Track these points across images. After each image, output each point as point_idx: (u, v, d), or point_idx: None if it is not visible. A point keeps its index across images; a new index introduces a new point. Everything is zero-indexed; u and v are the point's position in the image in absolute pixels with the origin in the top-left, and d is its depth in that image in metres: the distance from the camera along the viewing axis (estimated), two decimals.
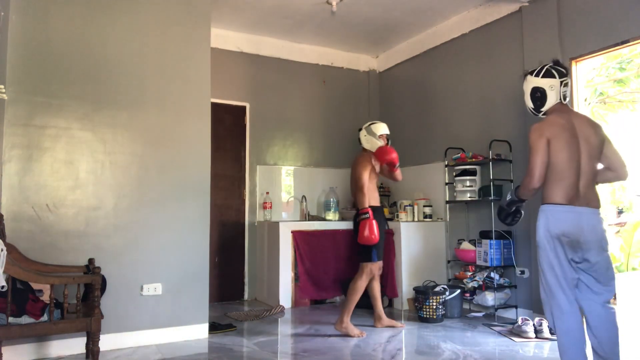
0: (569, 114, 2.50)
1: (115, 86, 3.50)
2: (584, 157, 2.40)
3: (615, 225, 6.15)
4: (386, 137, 3.97)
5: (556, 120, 2.44)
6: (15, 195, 3.15)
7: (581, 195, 2.39)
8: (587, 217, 2.37)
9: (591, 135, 2.43)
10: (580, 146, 2.41)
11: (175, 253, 3.61)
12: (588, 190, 2.40)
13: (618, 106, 7.22)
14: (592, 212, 2.39)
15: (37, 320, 2.57)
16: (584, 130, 2.43)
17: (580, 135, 2.42)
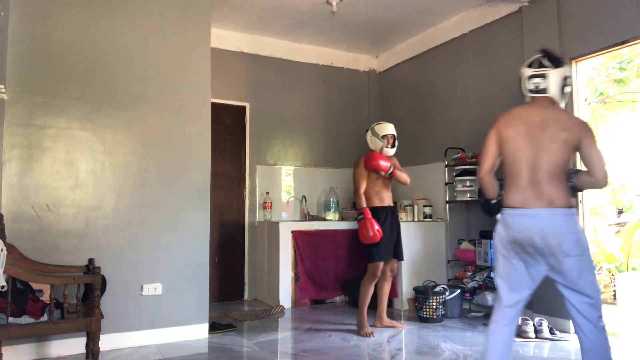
0: (544, 107, 2.28)
1: (115, 86, 3.50)
2: (545, 152, 2.18)
3: (615, 225, 6.15)
4: (392, 137, 3.89)
5: (517, 112, 2.29)
6: (15, 195, 3.15)
7: (542, 194, 2.18)
8: (545, 219, 2.15)
9: (563, 130, 2.18)
10: (541, 140, 2.20)
11: (175, 253, 3.61)
12: (550, 188, 2.17)
13: (618, 106, 7.22)
14: (553, 213, 2.15)
15: (37, 320, 2.57)
16: (553, 124, 2.21)
17: (545, 129, 2.21)
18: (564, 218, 2.16)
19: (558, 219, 2.15)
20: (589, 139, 2.19)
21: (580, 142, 2.19)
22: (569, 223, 2.15)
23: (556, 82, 2.27)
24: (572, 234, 2.14)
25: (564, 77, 2.29)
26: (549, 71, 2.27)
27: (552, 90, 2.27)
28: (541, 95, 2.29)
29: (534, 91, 2.30)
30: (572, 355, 3.21)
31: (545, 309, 3.87)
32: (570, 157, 2.21)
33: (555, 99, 2.31)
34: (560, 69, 2.28)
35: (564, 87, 2.30)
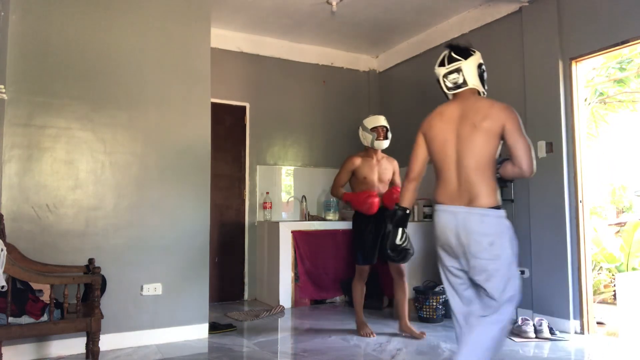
0: (466, 100, 2.20)
1: (115, 86, 3.50)
2: (467, 145, 2.09)
3: (615, 225, 6.15)
4: (383, 129, 3.71)
5: (439, 110, 2.25)
6: (15, 195, 3.15)
7: (463, 191, 2.09)
8: (461, 218, 2.05)
9: (484, 119, 2.07)
10: (462, 133, 2.11)
11: (175, 253, 3.61)
12: (472, 185, 2.07)
13: (618, 106, 7.21)
14: (470, 211, 2.04)
15: (37, 320, 2.57)
16: (474, 115, 2.10)
17: (465, 121, 2.11)
18: (479, 218, 2.03)
19: (472, 218, 2.04)
20: (512, 125, 2.05)
21: (503, 130, 2.06)
22: (483, 223, 2.02)
23: (472, 72, 2.21)
24: (485, 236, 2.01)
25: (478, 64, 2.24)
26: (461, 64, 2.22)
27: (471, 81, 2.21)
28: (462, 90, 2.24)
29: (453, 88, 2.25)
30: (572, 356, 3.21)
31: (545, 309, 3.87)
32: (497, 147, 2.10)
33: (478, 89, 2.25)
34: (471, 58, 2.23)
35: (481, 74, 2.25)
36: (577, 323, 3.69)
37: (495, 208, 2.06)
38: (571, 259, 3.73)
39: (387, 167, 3.79)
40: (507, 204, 4.25)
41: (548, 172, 3.89)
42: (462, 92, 2.24)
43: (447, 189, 2.15)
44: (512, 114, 2.08)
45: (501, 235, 2.04)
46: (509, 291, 2.04)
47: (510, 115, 2.07)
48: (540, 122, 3.99)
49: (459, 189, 2.11)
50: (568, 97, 3.83)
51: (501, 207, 2.10)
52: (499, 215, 2.06)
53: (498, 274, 2.02)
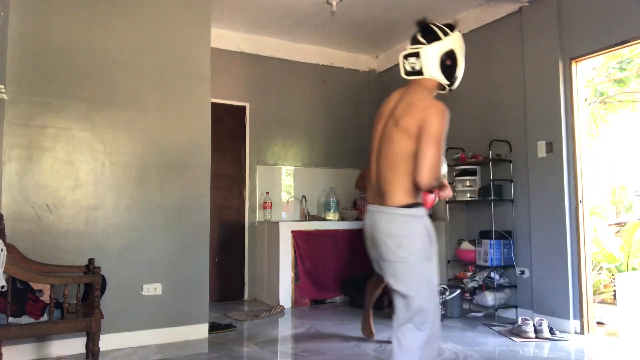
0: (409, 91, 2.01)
1: (116, 86, 3.50)
2: (386, 141, 1.94)
3: (615, 225, 6.15)
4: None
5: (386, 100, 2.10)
6: (15, 195, 3.15)
7: (379, 189, 1.96)
8: (373, 217, 1.95)
9: (406, 116, 1.91)
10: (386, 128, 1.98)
11: (175, 253, 3.61)
12: (387, 183, 1.93)
13: (618, 106, 7.21)
14: (381, 210, 1.92)
15: (37, 320, 2.57)
16: (401, 110, 1.95)
17: (392, 116, 1.97)
18: (388, 217, 1.90)
19: (382, 217, 1.92)
20: (426, 131, 1.84)
21: (419, 133, 1.87)
22: (390, 223, 1.89)
23: (432, 60, 1.94)
24: (392, 237, 1.88)
25: (444, 53, 1.96)
26: (422, 49, 1.96)
27: (428, 69, 1.96)
28: (417, 78, 2.01)
29: (410, 73, 2.01)
30: (572, 356, 3.21)
31: (545, 309, 3.87)
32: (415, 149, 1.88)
33: (437, 79, 2.00)
34: (436, 43, 1.95)
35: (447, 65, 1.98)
36: (577, 323, 3.69)
37: (407, 207, 1.89)
38: (571, 259, 3.73)
39: None
40: (507, 204, 4.26)
41: (548, 172, 3.90)
42: (415, 80, 2.01)
43: (371, 186, 2.03)
44: (434, 119, 1.85)
45: (411, 237, 1.88)
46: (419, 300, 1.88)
47: (430, 118, 1.85)
48: (540, 122, 3.99)
49: (376, 186, 1.99)
50: (568, 97, 3.83)
51: (416, 206, 1.91)
52: (409, 214, 1.89)
53: (406, 277, 1.88)
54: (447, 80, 2.02)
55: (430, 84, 2.02)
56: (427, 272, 1.90)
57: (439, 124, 1.85)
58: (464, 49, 2.04)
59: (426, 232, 1.90)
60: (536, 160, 4.00)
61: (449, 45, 1.96)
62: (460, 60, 2.02)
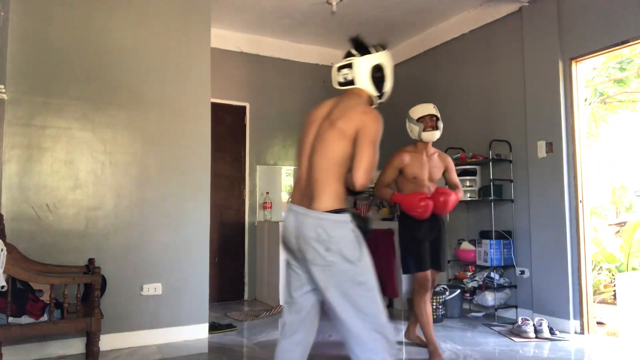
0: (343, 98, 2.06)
1: (115, 86, 3.50)
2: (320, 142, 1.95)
3: (615, 225, 6.15)
4: (432, 118, 3.26)
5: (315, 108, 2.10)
6: (15, 195, 3.15)
7: (307, 190, 1.95)
8: (300, 219, 1.92)
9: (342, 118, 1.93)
10: (320, 129, 1.98)
11: (175, 253, 3.61)
12: (316, 184, 1.92)
13: (618, 106, 7.22)
14: (307, 213, 1.90)
15: (37, 320, 2.57)
16: (336, 113, 1.96)
17: (327, 118, 1.98)
18: (316, 221, 1.88)
19: (309, 221, 1.89)
20: (366, 132, 1.89)
21: (356, 134, 1.89)
22: (319, 229, 1.87)
23: (363, 71, 2.05)
24: (320, 242, 1.86)
25: (373, 65, 2.06)
26: (354, 60, 2.06)
27: (359, 80, 2.05)
28: (349, 88, 2.08)
29: (342, 84, 2.09)
30: (572, 356, 3.21)
31: (545, 309, 3.87)
32: (349, 151, 1.90)
33: (367, 90, 2.09)
34: (368, 56, 2.06)
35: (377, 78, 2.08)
36: (577, 323, 3.69)
37: (335, 212, 1.89)
38: (571, 259, 3.73)
39: (438, 165, 3.30)
40: (507, 204, 4.26)
41: (548, 172, 3.90)
42: (349, 89, 2.08)
43: (298, 187, 2.02)
44: (372, 123, 1.91)
45: (338, 241, 1.87)
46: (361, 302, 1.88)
47: (367, 122, 1.91)
48: (540, 122, 3.99)
49: (306, 188, 1.97)
50: (568, 97, 3.83)
51: (344, 212, 1.92)
52: (337, 220, 1.89)
53: (335, 282, 1.87)
54: (376, 92, 2.11)
55: (362, 94, 2.10)
56: (358, 273, 1.89)
57: (377, 129, 1.92)
58: (392, 66, 2.17)
59: (354, 236, 1.91)
60: (536, 160, 4.00)
61: (378, 59, 2.08)
62: (389, 76, 2.13)
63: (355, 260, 1.88)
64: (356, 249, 1.90)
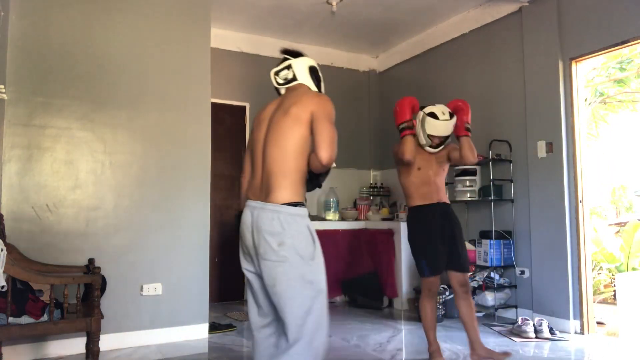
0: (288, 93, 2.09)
1: (115, 86, 3.50)
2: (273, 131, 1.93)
3: (615, 225, 6.15)
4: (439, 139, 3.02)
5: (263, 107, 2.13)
6: (15, 195, 3.15)
7: (263, 184, 1.92)
8: (255, 213, 1.88)
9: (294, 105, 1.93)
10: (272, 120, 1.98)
11: (175, 253, 3.61)
12: (269, 177, 1.89)
13: (618, 106, 7.22)
14: (264, 206, 1.86)
15: (37, 320, 2.57)
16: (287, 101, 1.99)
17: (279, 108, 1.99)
18: (270, 214, 1.84)
19: (264, 214, 1.85)
20: (320, 112, 1.88)
21: (312, 117, 1.89)
22: (273, 221, 1.83)
23: (302, 69, 2.11)
24: (274, 235, 1.82)
25: (310, 67, 2.14)
26: (291, 61, 2.13)
27: (300, 76, 2.10)
28: (292, 84, 2.10)
29: (284, 83, 2.12)
30: (572, 355, 3.21)
31: (545, 309, 3.87)
32: (306, 137, 1.89)
33: (309, 86, 2.11)
34: (302, 58, 2.16)
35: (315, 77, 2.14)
36: (577, 323, 3.69)
37: (292, 205, 1.85)
38: (571, 259, 3.73)
39: (442, 154, 3.10)
40: (507, 204, 4.26)
41: (548, 172, 3.90)
42: (291, 87, 2.10)
43: (253, 182, 1.98)
44: (323, 102, 1.93)
45: (293, 235, 1.82)
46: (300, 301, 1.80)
47: (321, 102, 1.92)
48: (540, 122, 3.99)
49: (261, 181, 1.94)
50: (568, 97, 3.83)
51: (301, 205, 1.89)
52: (294, 213, 1.84)
53: (285, 278, 1.81)
54: (316, 89, 2.13)
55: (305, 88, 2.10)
56: (309, 271, 1.83)
57: (331, 108, 1.93)
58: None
59: (309, 232, 1.87)
60: (536, 160, 4.00)
61: (312, 62, 2.19)
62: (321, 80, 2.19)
63: (308, 257, 1.83)
64: (310, 246, 1.85)
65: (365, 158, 5.92)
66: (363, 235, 5.06)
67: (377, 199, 5.68)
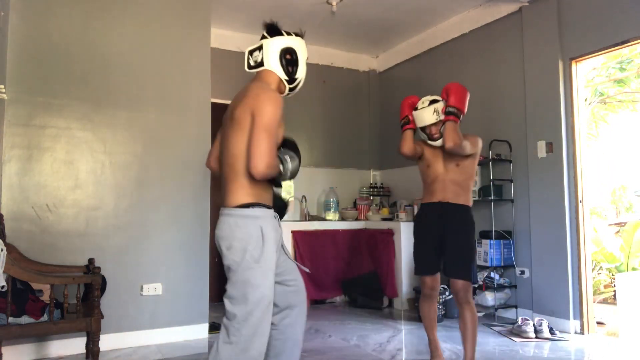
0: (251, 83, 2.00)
1: (115, 86, 3.50)
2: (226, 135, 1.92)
3: (615, 225, 6.15)
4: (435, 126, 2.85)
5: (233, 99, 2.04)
6: (15, 195, 3.15)
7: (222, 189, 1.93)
8: (219, 219, 1.90)
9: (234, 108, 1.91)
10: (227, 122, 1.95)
11: (175, 253, 3.61)
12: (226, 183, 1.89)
13: (618, 106, 7.22)
14: (222, 212, 1.87)
15: (37, 320, 2.57)
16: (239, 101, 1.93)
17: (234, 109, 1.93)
18: (224, 218, 1.84)
19: (220, 219, 1.86)
20: (256, 119, 1.81)
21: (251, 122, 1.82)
22: (224, 225, 1.83)
23: (273, 53, 1.96)
24: (224, 240, 1.82)
25: (283, 47, 1.98)
26: (264, 41, 1.99)
27: (268, 61, 1.97)
28: (259, 70, 2.01)
29: (252, 67, 2.03)
30: (572, 356, 3.21)
31: (545, 309, 3.87)
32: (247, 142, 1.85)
33: (276, 72, 2.00)
34: (278, 37, 1.99)
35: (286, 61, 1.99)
36: (577, 323, 3.69)
37: (243, 207, 1.82)
38: (571, 259, 3.73)
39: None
40: (507, 204, 4.26)
41: (548, 172, 3.90)
42: (257, 73, 2.01)
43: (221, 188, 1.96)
44: (264, 105, 1.82)
45: (240, 238, 1.80)
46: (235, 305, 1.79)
47: (261, 105, 1.82)
48: (540, 122, 3.99)
49: (221, 186, 1.94)
50: (568, 97, 3.83)
51: (253, 206, 1.84)
52: (243, 215, 1.82)
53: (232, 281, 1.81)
54: (285, 75, 2.01)
55: (270, 78, 2.00)
56: (251, 276, 1.79)
57: (270, 111, 1.82)
58: (306, 56, 2.08)
59: (260, 233, 1.82)
60: (536, 160, 4.00)
61: (290, 42, 2.00)
62: (302, 62, 2.04)
63: (254, 261, 1.80)
64: (257, 249, 1.81)
65: (365, 158, 5.92)
66: (363, 235, 5.06)
67: (377, 199, 5.68)
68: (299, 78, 2.06)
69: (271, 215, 1.91)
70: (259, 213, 1.85)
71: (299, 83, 2.10)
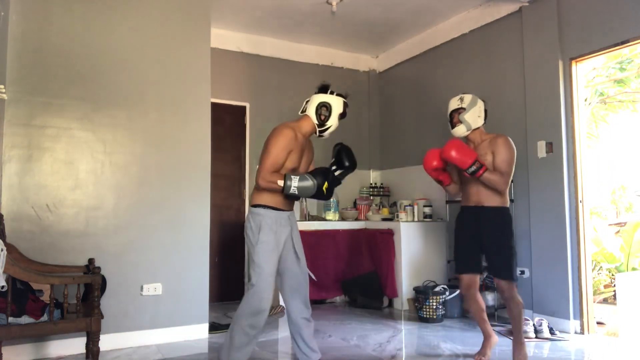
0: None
1: (116, 86, 3.50)
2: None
3: (615, 225, 6.15)
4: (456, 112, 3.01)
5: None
6: (15, 195, 3.15)
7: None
8: None
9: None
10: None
11: (175, 253, 3.61)
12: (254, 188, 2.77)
13: (618, 106, 7.21)
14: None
15: (37, 320, 2.57)
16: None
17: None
18: (247, 214, 2.71)
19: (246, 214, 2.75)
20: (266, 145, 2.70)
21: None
22: (246, 218, 2.68)
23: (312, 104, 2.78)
24: (245, 228, 2.65)
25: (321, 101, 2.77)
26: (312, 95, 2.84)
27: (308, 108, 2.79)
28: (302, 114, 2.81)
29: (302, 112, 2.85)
30: (572, 356, 3.21)
31: (545, 309, 3.87)
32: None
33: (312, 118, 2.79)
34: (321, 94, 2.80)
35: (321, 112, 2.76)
36: (577, 323, 3.69)
37: (254, 206, 2.65)
38: (571, 259, 3.73)
39: (485, 152, 2.91)
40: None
41: (548, 172, 3.90)
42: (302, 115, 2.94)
43: None
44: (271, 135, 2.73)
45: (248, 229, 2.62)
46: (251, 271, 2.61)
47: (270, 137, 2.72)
48: (540, 122, 3.99)
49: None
50: (568, 97, 3.83)
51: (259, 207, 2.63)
52: (253, 212, 2.64)
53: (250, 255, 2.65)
54: (317, 121, 2.76)
55: (305, 121, 2.77)
56: (254, 254, 2.59)
57: (274, 141, 2.66)
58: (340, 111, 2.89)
59: (258, 225, 2.59)
60: (536, 160, 4.00)
61: (327, 99, 2.79)
62: (333, 117, 2.81)
63: (253, 244, 2.59)
64: (255, 235, 2.59)
65: (365, 158, 5.91)
66: (363, 235, 5.06)
67: (377, 199, 5.68)
68: (328, 125, 2.81)
69: (272, 214, 2.64)
70: (261, 212, 2.63)
71: (328, 128, 2.83)
